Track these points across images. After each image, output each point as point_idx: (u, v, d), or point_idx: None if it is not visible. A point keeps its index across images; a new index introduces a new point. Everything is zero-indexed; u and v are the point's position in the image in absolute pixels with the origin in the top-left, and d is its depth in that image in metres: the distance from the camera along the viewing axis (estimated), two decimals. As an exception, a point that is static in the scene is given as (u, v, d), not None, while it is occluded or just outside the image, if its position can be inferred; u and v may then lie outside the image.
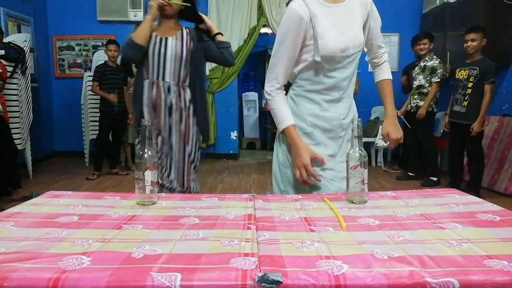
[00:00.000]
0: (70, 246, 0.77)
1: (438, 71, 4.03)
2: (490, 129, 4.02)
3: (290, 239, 0.82)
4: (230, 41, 2.20)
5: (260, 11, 5.38)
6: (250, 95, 7.01)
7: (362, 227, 0.91)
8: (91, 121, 4.96)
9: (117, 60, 4.38)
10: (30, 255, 0.72)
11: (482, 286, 0.63)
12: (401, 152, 5.03)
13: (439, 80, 4.04)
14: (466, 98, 3.58)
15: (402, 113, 4.44)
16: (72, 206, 1.07)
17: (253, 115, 7.03)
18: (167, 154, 2.09)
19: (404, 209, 1.05)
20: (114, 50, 4.27)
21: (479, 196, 1.61)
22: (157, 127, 2.06)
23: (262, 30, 5.72)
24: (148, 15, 2.00)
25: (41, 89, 5.29)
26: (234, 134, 5.76)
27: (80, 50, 5.54)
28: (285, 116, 1.36)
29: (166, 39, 2.03)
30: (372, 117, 5.34)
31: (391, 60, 5.43)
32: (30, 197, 1.17)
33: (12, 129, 3.75)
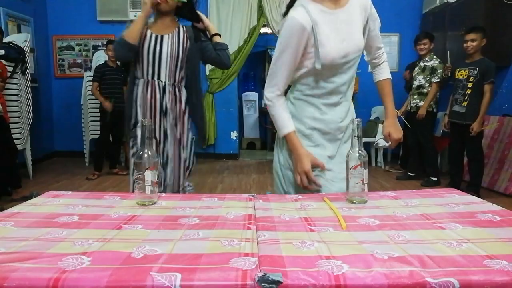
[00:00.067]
0: (70, 246, 0.77)
1: (438, 71, 4.03)
2: (490, 129, 4.02)
3: (290, 239, 0.82)
4: (230, 41, 2.16)
5: (260, 11, 5.38)
6: (250, 95, 7.01)
7: (362, 227, 0.91)
8: (91, 121, 4.96)
9: (117, 60, 4.37)
10: (30, 255, 0.72)
11: (482, 286, 0.63)
12: (402, 152, 5.03)
13: (439, 80, 4.04)
14: (466, 98, 3.59)
15: (402, 113, 4.44)
16: (72, 206, 1.07)
17: (253, 115, 7.03)
18: (162, 159, 1.97)
19: (404, 209, 1.05)
20: None
21: (479, 196, 1.61)
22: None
23: (262, 30, 5.72)
24: (141, 12, 1.90)
25: (41, 89, 5.29)
26: (234, 134, 5.75)
27: (80, 50, 5.55)
28: (286, 122, 1.36)
29: (162, 37, 1.93)
30: (372, 117, 5.34)
31: (391, 60, 5.43)
32: (30, 197, 1.17)
33: (12, 129, 3.75)
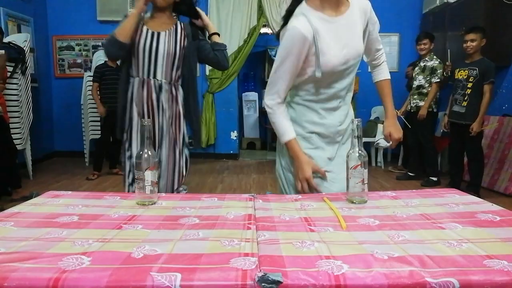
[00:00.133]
0: (70, 246, 0.77)
1: (438, 71, 4.03)
2: (490, 129, 4.02)
3: (290, 239, 0.82)
4: (230, 41, 2.12)
5: (260, 11, 5.38)
6: (250, 95, 7.01)
7: (362, 227, 0.91)
8: (91, 121, 4.96)
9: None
10: (30, 255, 0.72)
11: (482, 286, 0.63)
12: (403, 152, 5.03)
13: (438, 80, 4.04)
14: (465, 98, 3.59)
15: (402, 113, 4.44)
16: (72, 206, 1.07)
17: (253, 115, 7.03)
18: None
19: (404, 209, 1.05)
20: None
21: (479, 196, 1.61)
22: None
23: (262, 30, 5.71)
24: (134, 9, 1.80)
25: (41, 89, 5.29)
26: (234, 134, 5.75)
27: (80, 50, 5.54)
28: (287, 129, 1.36)
29: (159, 34, 1.85)
30: (372, 117, 5.34)
31: (391, 60, 5.43)
32: (30, 197, 1.17)
33: (12, 129, 3.75)
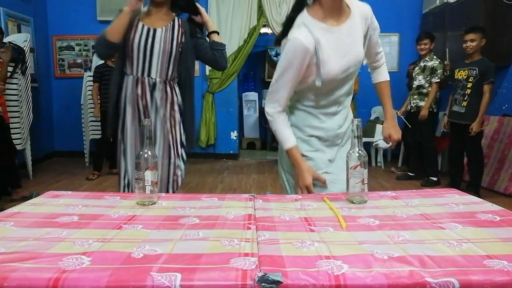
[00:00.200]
0: (70, 246, 0.77)
1: (438, 71, 4.03)
2: (490, 129, 4.02)
3: (290, 239, 0.82)
4: (230, 41, 2.09)
5: (260, 11, 5.38)
6: (250, 95, 7.01)
7: (362, 227, 0.91)
8: (91, 121, 4.96)
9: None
10: (30, 255, 0.72)
11: (482, 286, 0.63)
12: (404, 153, 5.04)
13: (439, 80, 4.04)
14: (465, 99, 3.59)
15: (402, 113, 4.44)
16: (72, 206, 1.07)
17: (253, 115, 7.03)
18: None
19: (404, 209, 1.05)
20: None
21: (479, 196, 1.62)
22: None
23: (262, 30, 5.71)
24: (126, 6, 1.69)
25: (41, 89, 5.29)
26: (234, 134, 5.75)
27: (80, 50, 5.54)
28: (288, 137, 1.37)
29: (155, 30, 1.76)
30: (372, 117, 5.34)
31: (391, 60, 5.43)
32: (30, 197, 1.17)
33: (12, 129, 3.76)
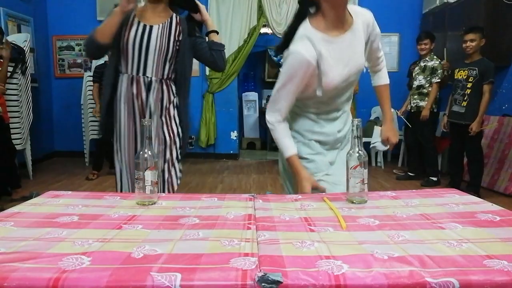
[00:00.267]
0: (70, 246, 0.77)
1: (439, 71, 4.04)
2: (490, 129, 4.02)
3: (290, 239, 0.82)
4: (230, 41, 2.04)
5: (260, 11, 5.37)
6: (250, 95, 7.01)
7: (362, 227, 0.91)
8: (91, 121, 4.96)
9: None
10: (30, 255, 0.72)
11: (482, 286, 0.63)
12: (405, 153, 5.05)
13: (439, 80, 4.04)
14: (465, 99, 3.59)
15: (402, 113, 4.44)
16: (72, 206, 1.07)
17: (253, 115, 7.03)
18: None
19: (404, 209, 1.05)
20: None
21: (479, 196, 1.62)
22: (135, 132, 1.76)
23: (262, 30, 5.71)
24: (118, 7, 1.60)
25: (41, 89, 5.28)
26: (234, 134, 5.75)
27: (80, 50, 5.54)
28: (288, 146, 1.37)
29: (151, 27, 1.69)
30: (372, 117, 5.34)
31: (391, 60, 5.43)
32: (30, 197, 1.17)
33: (12, 129, 3.75)
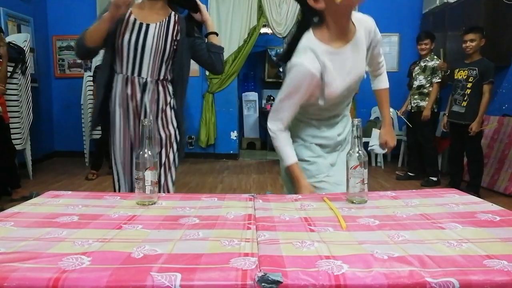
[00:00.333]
0: (70, 246, 0.77)
1: (439, 71, 4.04)
2: (490, 129, 4.02)
3: (290, 239, 0.82)
4: (230, 41, 2.01)
5: (260, 11, 5.38)
6: (250, 95, 7.01)
7: (362, 227, 0.91)
8: (91, 121, 4.95)
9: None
10: (30, 255, 0.72)
11: (482, 286, 0.63)
12: (404, 154, 5.05)
13: (440, 80, 4.04)
14: (465, 99, 3.59)
15: (402, 113, 4.44)
16: (72, 206, 1.07)
17: (253, 115, 7.03)
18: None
19: (404, 209, 1.05)
20: None
21: (479, 196, 1.62)
22: (130, 134, 1.70)
23: (262, 30, 5.71)
24: (108, 12, 1.51)
25: (41, 89, 5.28)
26: (234, 134, 5.75)
27: (80, 50, 5.54)
28: (289, 155, 1.38)
29: (148, 26, 1.62)
30: (372, 117, 5.34)
31: (391, 60, 5.43)
32: (30, 197, 1.17)
33: (12, 129, 3.75)
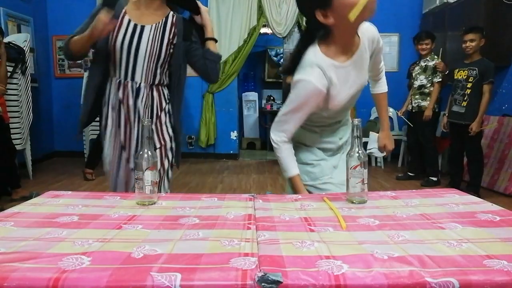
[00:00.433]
0: (70, 246, 0.77)
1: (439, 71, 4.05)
2: (490, 129, 4.02)
3: (290, 239, 0.82)
4: (230, 41, 1.94)
5: (260, 11, 5.38)
6: (250, 95, 7.02)
7: (362, 227, 0.91)
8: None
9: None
10: (30, 255, 0.72)
11: (482, 286, 0.63)
12: (404, 154, 5.05)
13: (440, 79, 4.05)
14: (465, 99, 3.59)
15: (402, 113, 4.44)
16: (72, 206, 1.07)
17: (253, 115, 7.04)
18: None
19: (404, 209, 1.05)
20: None
21: (479, 196, 1.62)
22: (120, 139, 1.61)
23: (262, 30, 5.71)
24: (90, 30, 1.43)
25: (41, 89, 5.29)
26: (234, 134, 5.76)
27: (80, 50, 5.55)
28: (291, 167, 1.39)
29: (143, 27, 1.52)
30: (372, 117, 5.34)
31: (391, 60, 5.43)
32: (30, 197, 1.17)
33: (12, 129, 3.76)
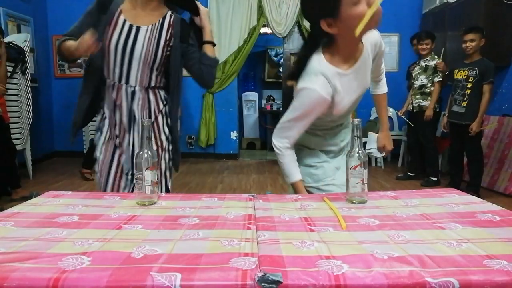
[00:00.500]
0: (70, 246, 0.77)
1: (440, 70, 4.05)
2: (490, 129, 4.02)
3: (290, 239, 0.82)
4: (230, 41, 1.90)
5: (260, 11, 5.38)
6: (250, 95, 7.02)
7: (362, 227, 0.91)
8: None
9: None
10: (30, 255, 0.72)
11: (482, 286, 0.63)
12: (404, 153, 5.05)
13: (440, 79, 4.05)
14: (465, 99, 3.59)
15: (402, 113, 4.44)
16: (72, 206, 1.07)
17: (253, 115, 7.04)
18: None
19: (404, 209, 1.05)
20: None
21: (479, 196, 1.62)
22: (114, 143, 1.57)
23: (262, 30, 5.72)
24: (76, 46, 1.35)
25: (41, 89, 5.29)
26: (234, 134, 5.76)
27: (80, 50, 5.54)
28: (294, 172, 1.39)
29: (138, 28, 1.45)
30: (372, 117, 5.34)
31: (391, 60, 5.44)
32: (30, 197, 1.17)
33: (12, 129, 3.76)
